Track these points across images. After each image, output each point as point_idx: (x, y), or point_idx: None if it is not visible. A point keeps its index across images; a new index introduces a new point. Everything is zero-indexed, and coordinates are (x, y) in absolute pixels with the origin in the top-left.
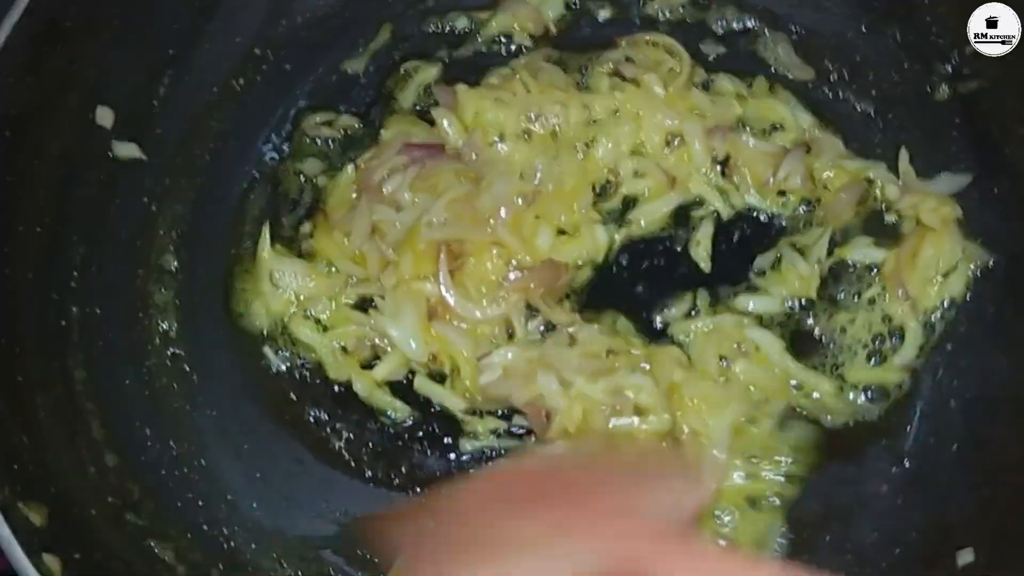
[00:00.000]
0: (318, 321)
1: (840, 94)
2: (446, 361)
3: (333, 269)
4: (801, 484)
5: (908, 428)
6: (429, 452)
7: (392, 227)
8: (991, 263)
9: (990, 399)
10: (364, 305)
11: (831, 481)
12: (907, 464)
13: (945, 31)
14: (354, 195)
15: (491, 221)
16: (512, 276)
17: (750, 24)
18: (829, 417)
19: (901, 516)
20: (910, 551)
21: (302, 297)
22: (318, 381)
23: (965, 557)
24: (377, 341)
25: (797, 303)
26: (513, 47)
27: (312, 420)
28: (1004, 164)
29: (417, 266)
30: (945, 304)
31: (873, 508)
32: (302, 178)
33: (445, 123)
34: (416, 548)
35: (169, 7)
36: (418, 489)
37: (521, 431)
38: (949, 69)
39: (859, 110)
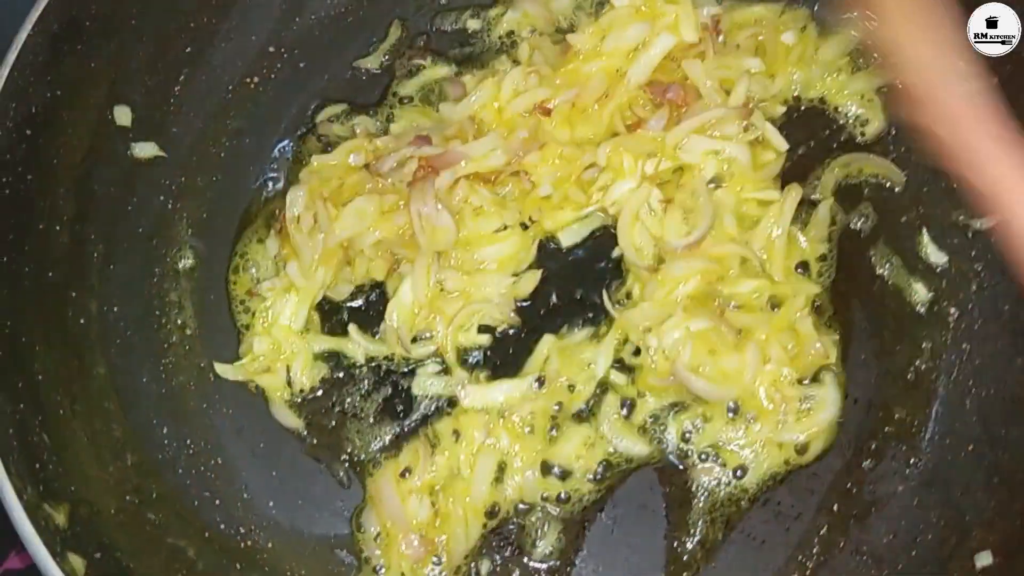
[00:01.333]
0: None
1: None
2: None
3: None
4: None
5: (924, 428)
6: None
7: None
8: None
9: (1006, 398)
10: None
11: (847, 481)
12: (923, 464)
13: None
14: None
15: None
16: None
17: None
18: None
19: (917, 517)
20: (927, 552)
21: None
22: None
23: (983, 559)
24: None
25: None
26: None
27: (328, 419)
28: None
29: None
30: None
31: (889, 508)
32: None
33: (453, 116)
34: None
35: (185, 6)
36: None
37: None
38: None
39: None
